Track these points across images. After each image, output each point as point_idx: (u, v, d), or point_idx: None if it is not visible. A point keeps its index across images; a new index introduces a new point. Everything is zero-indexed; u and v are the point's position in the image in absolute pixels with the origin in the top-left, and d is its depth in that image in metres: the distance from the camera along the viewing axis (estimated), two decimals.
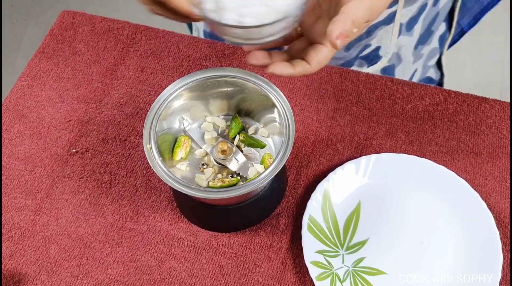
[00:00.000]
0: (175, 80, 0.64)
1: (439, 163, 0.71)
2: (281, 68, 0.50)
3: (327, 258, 0.66)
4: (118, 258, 0.69)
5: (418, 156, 0.72)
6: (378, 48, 0.87)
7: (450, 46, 0.97)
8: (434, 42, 0.93)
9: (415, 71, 0.96)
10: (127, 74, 0.83)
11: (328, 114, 0.78)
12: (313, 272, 0.64)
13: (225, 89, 0.66)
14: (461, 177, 0.70)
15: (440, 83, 1.02)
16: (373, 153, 0.73)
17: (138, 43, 0.86)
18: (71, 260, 0.69)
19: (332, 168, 0.72)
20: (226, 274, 0.68)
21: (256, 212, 0.70)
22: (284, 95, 0.62)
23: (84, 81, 0.83)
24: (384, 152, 0.74)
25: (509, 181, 0.72)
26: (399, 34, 0.85)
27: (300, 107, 0.79)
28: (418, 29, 0.87)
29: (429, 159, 0.73)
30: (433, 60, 0.97)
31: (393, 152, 0.74)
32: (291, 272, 0.67)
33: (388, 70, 0.92)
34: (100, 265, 0.69)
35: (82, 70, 0.84)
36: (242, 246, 0.69)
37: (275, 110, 0.63)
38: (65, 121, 0.79)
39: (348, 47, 0.87)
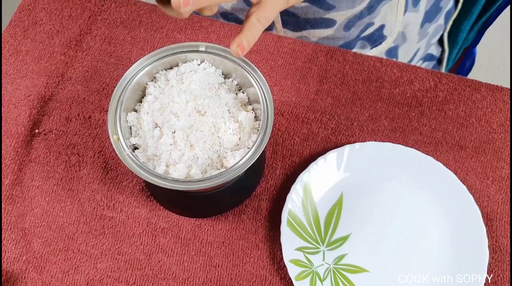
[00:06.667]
0: (146, 54, 0.59)
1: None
2: None
3: (307, 255, 0.62)
4: (105, 251, 0.66)
5: (403, 145, 0.68)
6: (382, 27, 0.80)
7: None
8: (440, 19, 0.86)
9: (418, 50, 0.89)
10: (93, 46, 0.76)
11: (309, 96, 0.73)
12: (292, 271, 0.60)
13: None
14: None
15: (441, 59, 0.95)
16: (351, 137, 0.70)
17: (107, 11, 0.79)
18: (57, 254, 0.66)
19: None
20: (218, 266, 0.65)
21: (236, 194, 0.67)
22: (263, 75, 0.57)
23: (45, 54, 0.76)
24: (363, 137, 0.70)
25: (490, 179, 0.69)
26: (405, 10, 0.78)
27: (280, 87, 0.74)
28: (423, 4, 0.79)
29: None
30: (436, 38, 0.90)
31: (374, 139, 0.70)
32: (281, 261, 0.64)
33: (393, 51, 0.85)
34: (88, 258, 0.65)
35: (43, 41, 0.77)
36: (227, 233, 0.67)
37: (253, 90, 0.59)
38: (24, 97, 0.73)
39: (347, 26, 0.78)
